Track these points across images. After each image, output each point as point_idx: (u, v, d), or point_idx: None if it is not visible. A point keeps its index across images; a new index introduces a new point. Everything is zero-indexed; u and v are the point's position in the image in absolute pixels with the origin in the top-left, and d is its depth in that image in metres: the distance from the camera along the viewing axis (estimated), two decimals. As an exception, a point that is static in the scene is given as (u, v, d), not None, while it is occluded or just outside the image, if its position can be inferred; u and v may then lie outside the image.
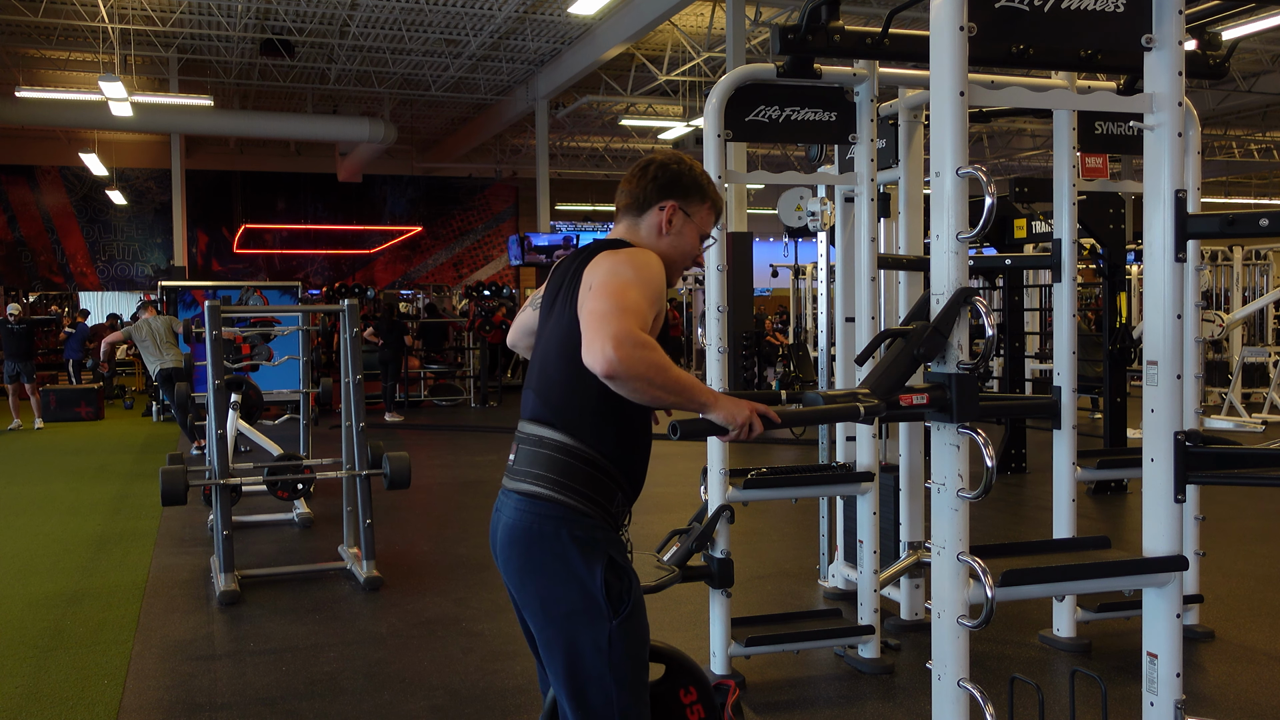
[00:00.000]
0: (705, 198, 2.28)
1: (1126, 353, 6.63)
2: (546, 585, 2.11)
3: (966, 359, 2.36)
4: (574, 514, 2.10)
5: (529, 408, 2.20)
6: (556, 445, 2.12)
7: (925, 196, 4.01)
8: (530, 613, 2.16)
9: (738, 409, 2.03)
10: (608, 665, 2.08)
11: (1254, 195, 30.82)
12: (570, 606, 2.09)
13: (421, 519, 6.75)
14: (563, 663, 2.10)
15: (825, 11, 3.30)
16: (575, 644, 2.09)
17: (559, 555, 2.09)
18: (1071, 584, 2.64)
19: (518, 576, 2.15)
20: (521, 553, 2.12)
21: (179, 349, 9.67)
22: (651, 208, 2.25)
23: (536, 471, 2.13)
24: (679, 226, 2.25)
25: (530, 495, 2.12)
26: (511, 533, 2.14)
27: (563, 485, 2.10)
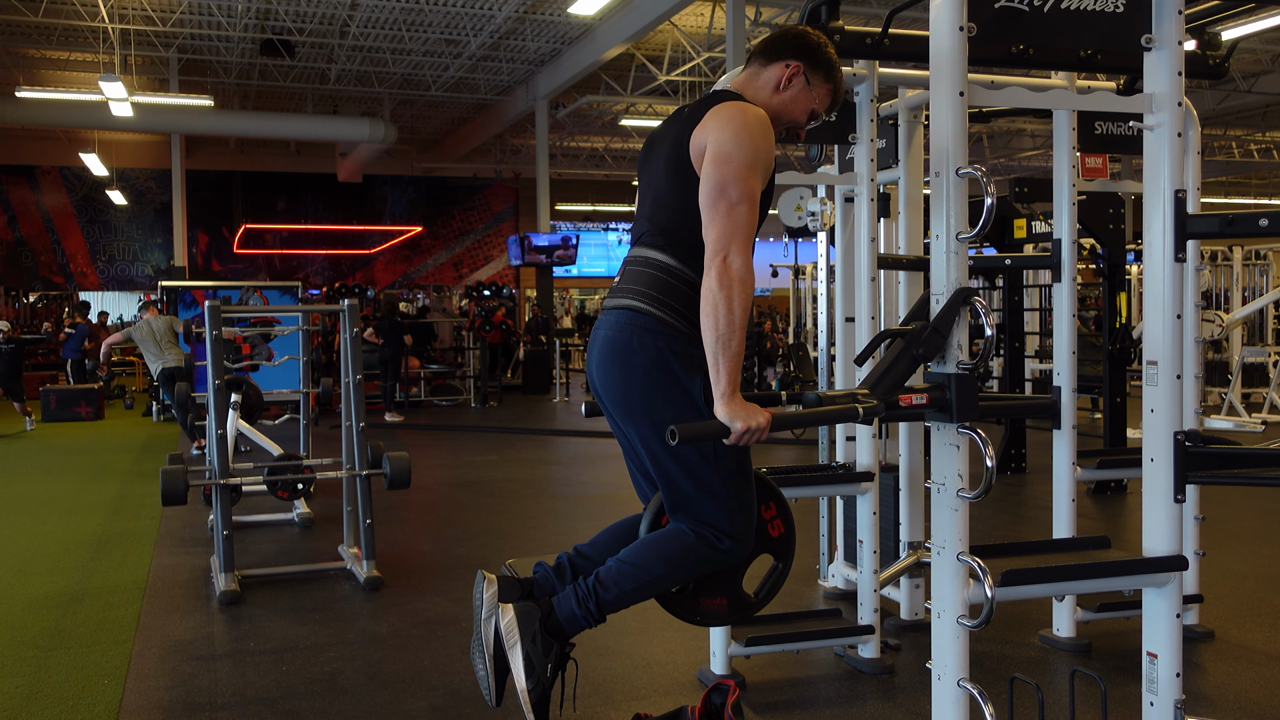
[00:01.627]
0: (830, 79, 2.34)
1: (1126, 353, 6.63)
2: (650, 394, 2.15)
3: (966, 359, 2.36)
4: (671, 330, 2.15)
5: (640, 235, 2.28)
6: (661, 266, 2.19)
7: (925, 196, 4.01)
8: (633, 422, 2.19)
9: (751, 414, 2.03)
10: (715, 470, 2.15)
11: (1254, 195, 30.83)
12: (675, 414, 2.14)
13: (421, 519, 6.75)
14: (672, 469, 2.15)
15: (825, 11, 3.30)
16: (680, 451, 2.13)
17: (661, 365, 2.14)
18: (1071, 584, 2.64)
19: (620, 388, 2.18)
20: (623, 364, 2.17)
21: (179, 349, 9.68)
22: (778, 61, 2.31)
23: (639, 289, 2.19)
24: (796, 89, 2.31)
25: (632, 309, 2.18)
26: (611, 345, 2.19)
27: (663, 303, 2.17)
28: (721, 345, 2.02)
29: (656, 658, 3.90)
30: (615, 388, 2.18)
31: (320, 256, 25.92)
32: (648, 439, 2.16)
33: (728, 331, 2.01)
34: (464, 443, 10.59)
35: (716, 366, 2.03)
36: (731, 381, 2.03)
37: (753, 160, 2.14)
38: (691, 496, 2.14)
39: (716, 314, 2.02)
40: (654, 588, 2.24)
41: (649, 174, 2.34)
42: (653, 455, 2.17)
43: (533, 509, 7.04)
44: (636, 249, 2.28)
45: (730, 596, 2.39)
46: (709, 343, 2.04)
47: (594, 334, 2.28)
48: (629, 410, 2.18)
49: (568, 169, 25.70)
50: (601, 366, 2.21)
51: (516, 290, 23.98)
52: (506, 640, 2.24)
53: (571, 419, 12.70)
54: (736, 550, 2.22)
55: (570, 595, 2.24)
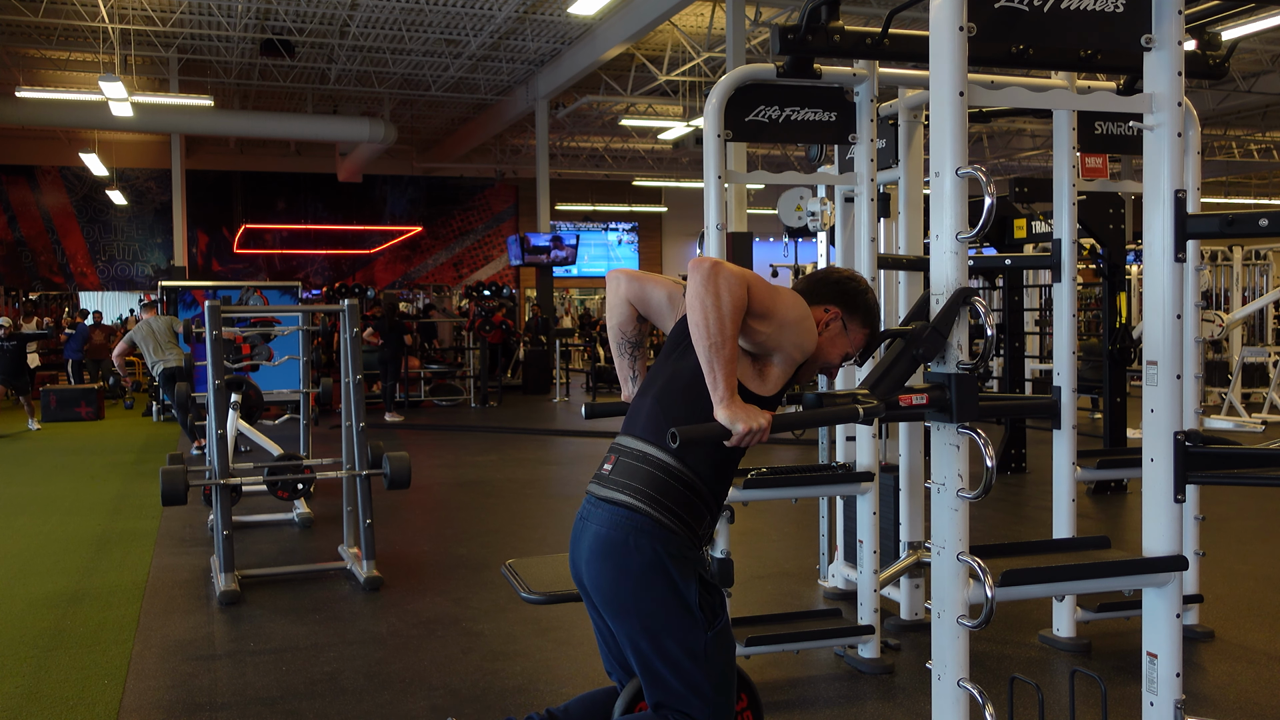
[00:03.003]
0: (867, 324, 2.35)
1: (1126, 353, 6.63)
2: (643, 597, 2.14)
3: (966, 359, 2.36)
4: (667, 532, 2.14)
5: (641, 425, 2.23)
6: (659, 464, 2.16)
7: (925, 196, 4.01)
8: (623, 622, 2.18)
9: (752, 415, 2.03)
10: (704, 672, 2.14)
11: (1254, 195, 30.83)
12: (667, 617, 2.13)
13: (421, 519, 6.75)
14: (661, 670, 2.14)
15: (825, 11, 3.30)
16: (670, 651, 2.13)
17: (656, 568, 2.12)
18: (1071, 584, 2.64)
19: (611, 587, 2.16)
20: (616, 564, 2.15)
21: (179, 349, 9.67)
22: (818, 305, 2.31)
23: (636, 486, 2.16)
24: (834, 334, 2.31)
25: (627, 507, 2.15)
26: (605, 544, 2.16)
27: (660, 504, 2.14)
28: (715, 351, 2.00)
29: (656, 658, 3.90)
30: (607, 587, 2.16)
31: (320, 256, 25.92)
32: (636, 640, 2.15)
33: (719, 337, 2.00)
34: (464, 443, 10.59)
35: (712, 372, 2.02)
36: (729, 385, 2.02)
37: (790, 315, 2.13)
38: (679, 696, 2.14)
39: (707, 320, 1.99)
40: None
41: (677, 354, 2.25)
42: (640, 655, 2.15)
43: (533, 509, 7.04)
44: (631, 439, 2.22)
45: None
46: (702, 350, 2.02)
47: (582, 524, 2.23)
48: (619, 610, 2.16)
49: (568, 169, 25.69)
50: (592, 564, 2.18)
51: (516, 290, 23.98)
52: None
53: (571, 419, 12.70)
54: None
55: None
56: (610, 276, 2.47)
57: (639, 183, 27.57)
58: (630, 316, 2.43)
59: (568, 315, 25.62)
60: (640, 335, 2.47)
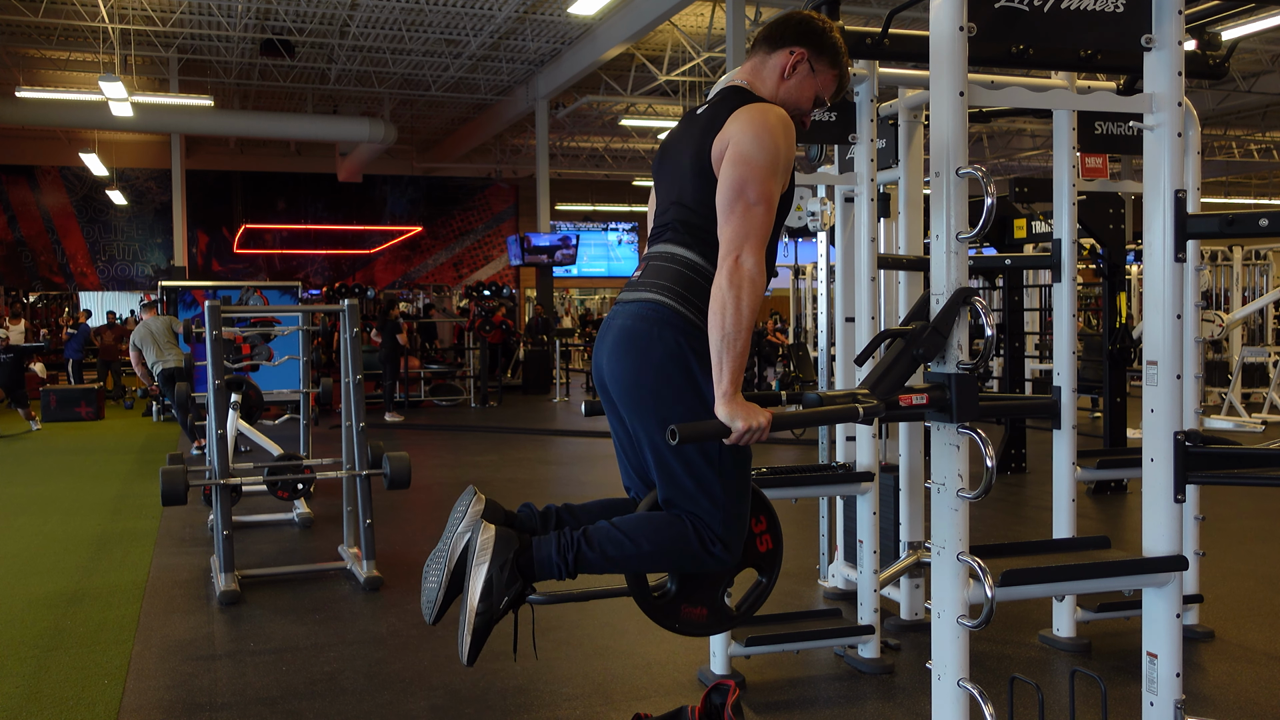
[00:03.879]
0: (835, 64, 2.31)
1: (1126, 353, 6.63)
2: (663, 387, 2.13)
3: (966, 359, 2.36)
4: (692, 327, 2.14)
5: (662, 233, 2.26)
6: (686, 262, 2.17)
7: (925, 196, 4.01)
8: (640, 416, 2.17)
9: (752, 413, 2.03)
10: (718, 472, 2.14)
11: (1254, 195, 30.83)
12: (685, 412, 2.12)
13: (421, 519, 6.75)
14: (674, 466, 2.14)
15: (825, 12, 3.30)
16: (685, 448, 2.11)
17: (678, 359, 2.12)
18: (1071, 584, 2.64)
19: (632, 378, 2.16)
20: (639, 354, 2.14)
21: (179, 349, 9.67)
22: (782, 48, 2.29)
23: (662, 283, 2.17)
24: (801, 76, 2.28)
25: (653, 302, 2.15)
26: (628, 335, 2.16)
27: (685, 299, 2.15)
28: (727, 345, 2.02)
29: (656, 658, 3.91)
30: (627, 377, 2.15)
31: (320, 256, 25.92)
32: (653, 433, 2.14)
33: (734, 331, 2.01)
34: (464, 443, 10.59)
35: (720, 365, 2.03)
36: (734, 381, 2.03)
37: (773, 162, 2.13)
38: (691, 495, 2.13)
39: (724, 313, 2.01)
40: (634, 564, 2.20)
41: (669, 178, 2.30)
42: (655, 450, 2.16)
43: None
44: (660, 245, 2.25)
45: (711, 607, 2.36)
46: (714, 341, 2.03)
47: (607, 324, 2.24)
48: (637, 401, 2.15)
49: (568, 169, 25.69)
50: (614, 354, 2.18)
51: (516, 290, 23.98)
52: (475, 557, 2.17)
53: (571, 419, 12.70)
54: (725, 558, 2.19)
55: (552, 540, 2.20)
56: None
57: (639, 183, 27.58)
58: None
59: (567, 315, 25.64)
60: None
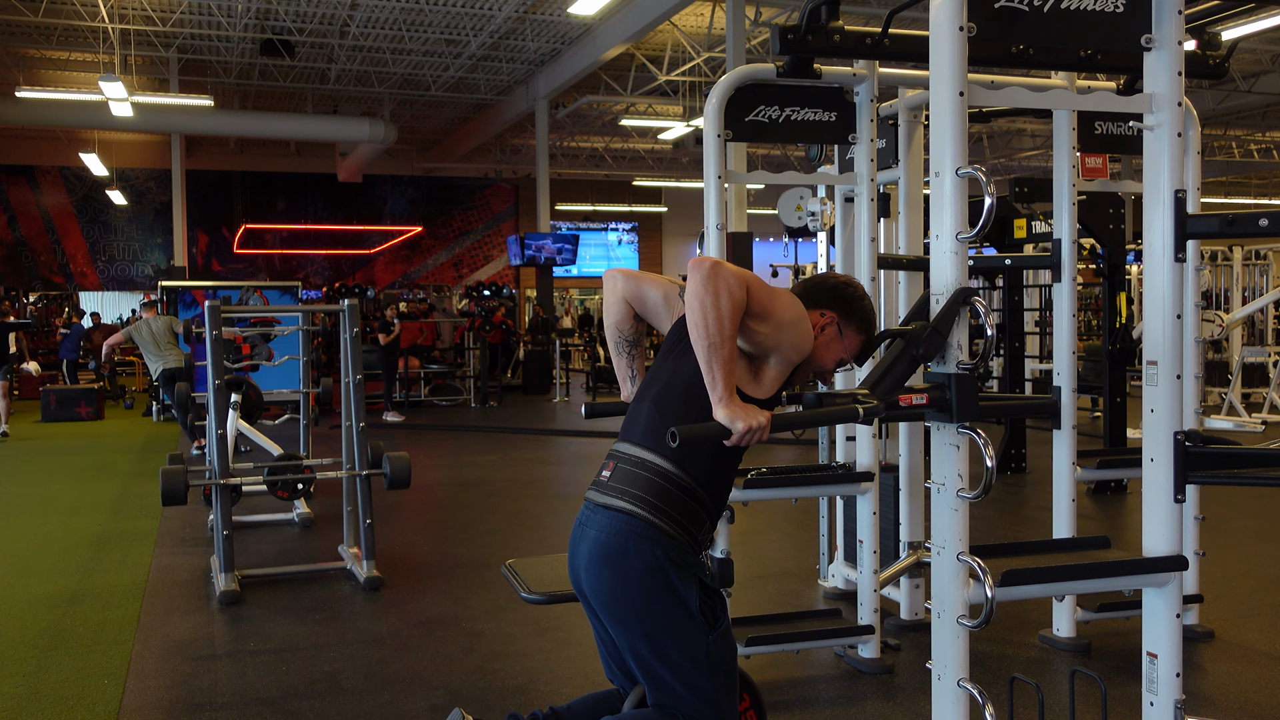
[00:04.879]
0: (863, 331, 2.36)
1: (1126, 353, 6.63)
2: (643, 603, 2.14)
3: (966, 359, 2.36)
4: (666, 537, 2.14)
5: (639, 432, 2.22)
6: (658, 470, 2.16)
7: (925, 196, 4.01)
8: (623, 629, 2.18)
9: (751, 414, 2.03)
10: (706, 676, 2.14)
11: (1254, 195, 30.82)
12: (668, 623, 2.13)
13: (421, 519, 6.75)
14: (663, 674, 2.14)
15: (825, 11, 3.30)
16: (671, 656, 2.13)
17: (655, 573, 2.12)
18: (1071, 584, 2.64)
19: (611, 593, 2.16)
20: (616, 570, 2.15)
21: (179, 349, 9.67)
22: (814, 309, 2.31)
23: (635, 492, 2.16)
24: (829, 338, 2.31)
25: (626, 513, 2.15)
26: (605, 550, 2.16)
27: (659, 510, 2.14)
28: (714, 350, 2.01)
29: (656, 658, 3.90)
30: (606, 593, 2.16)
31: (320, 256, 25.91)
32: (636, 645, 2.15)
33: (719, 338, 2.00)
34: (464, 443, 10.59)
35: (711, 371, 2.02)
36: (727, 385, 2.02)
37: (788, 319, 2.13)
38: (681, 699, 2.14)
39: (706, 319, 2.00)
40: None
41: (674, 356, 2.26)
42: (641, 661, 2.16)
43: (533, 509, 7.04)
44: (630, 446, 2.22)
45: None
46: (701, 349, 2.02)
47: (580, 531, 2.23)
48: (619, 617, 2.16)
49: (568, 169, 25.68)
50: (591, 570, 2.17)
51: (516, 290, 23.97)
52: None
53: (571, 419, 12.70)
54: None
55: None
56: (607, 276, 2.47)
57: (639, 183, 27.57)
58: (627, 315, 2.43)
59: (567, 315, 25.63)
60: (638, 334, 2.48)
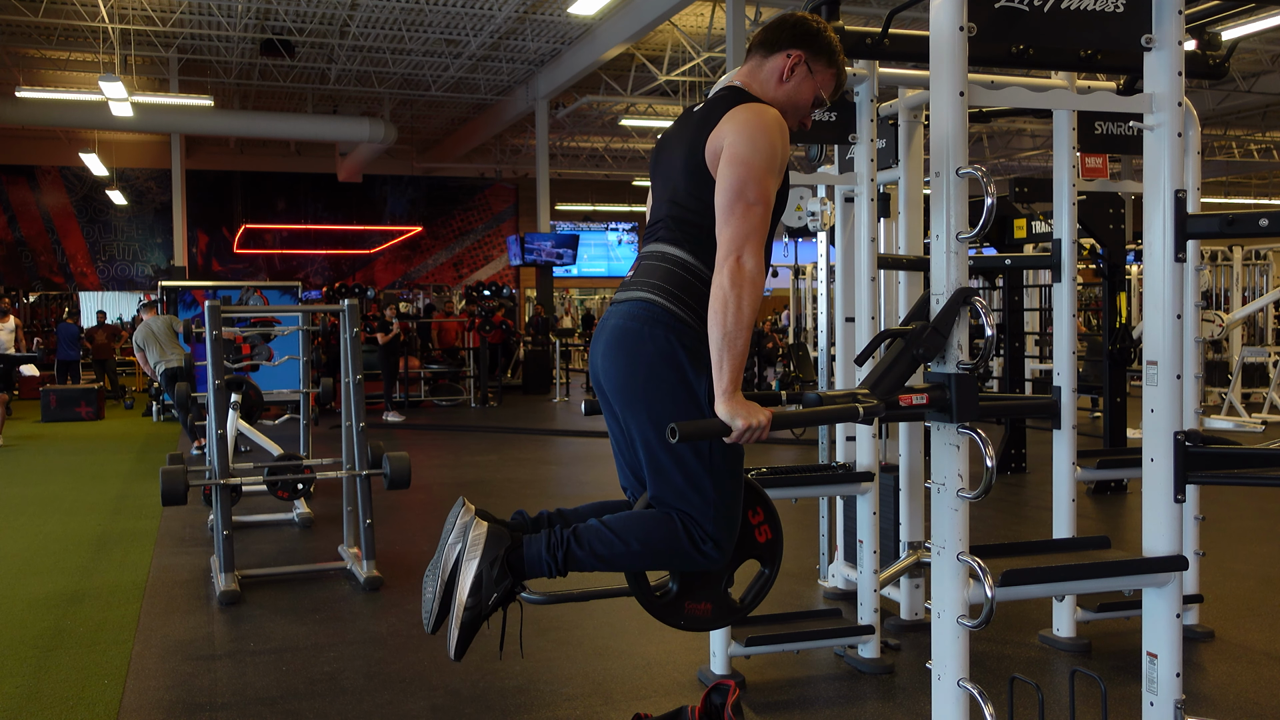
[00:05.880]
0: (832, 63, 2.33)
1: (1126, 353, 6.63)
2: (655, 385, 2.15)
3: (966, 359, 2.36)
4: (684, 325, 2.16)
5: (656, 232, 2.28)
6: (678, 261, 2.19)
7: (925, 196, 4.01)
8: (633, 412, 2.19)
9: (752, 412, 2.04)
10: (708, 468, 2.15)
11: (1254, 195, 30.83)
12: (676, 409, 2.14)
13: (421, 519, 6.75)
14: (665, 462, 2.16)
15: (825, 12, 3.30)
16: (676, 445, 2.12)
17: (669, 358, 2.14)
18: (1071, 584, 2.64)
19: (624, 377, 2.18)
20: (630, 353, 2.16)
21: (180, 348, 9.68)
22: (779, 52, 2.31)
23: (654, 282, 2.20)
24: (799, 78, 2.30)
25: (645, 300, 2.18)
26: (620, 334, 2.19)
27: (678, 298, 2.17)
28: (728, 344, 2.03)
29: (656, 658, 3.90)
30: (620, 376, 2.18)
31: (320, 256, 25.91)
32: (645, 430, 2.16)
33: (735, 330, 2.02)
34: (464, 443, 10.59)
35: (720, 364, 2.04)
36: (734, 380, 2.04)
37: (769, 161, 2.15)
38: (681, 491, 2.14)
39: (725, 312, 2.03)
40: (624, 562, 2.22)
41: (663, 175, 2.33)
42: (648, 446, 2.17)
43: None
44: (652, 244, 2.27)
45: (715, 602, 2.38)
46: (715, 340, 2.05)
47: (602, 324, 2.27)
48: (630, 400, 2.17)
49: (568, 169, 25.69)
50: (608, 354, 2.20)
51: (516, 290, 23.98)
52: (466, 554, 2.20)
53: (571, 419, 12.70)
54: (716, 556, 2.20)
55: (542, 539, 2.24)
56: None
57: (639, 183, 27.58)
58: None
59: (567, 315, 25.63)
60: None
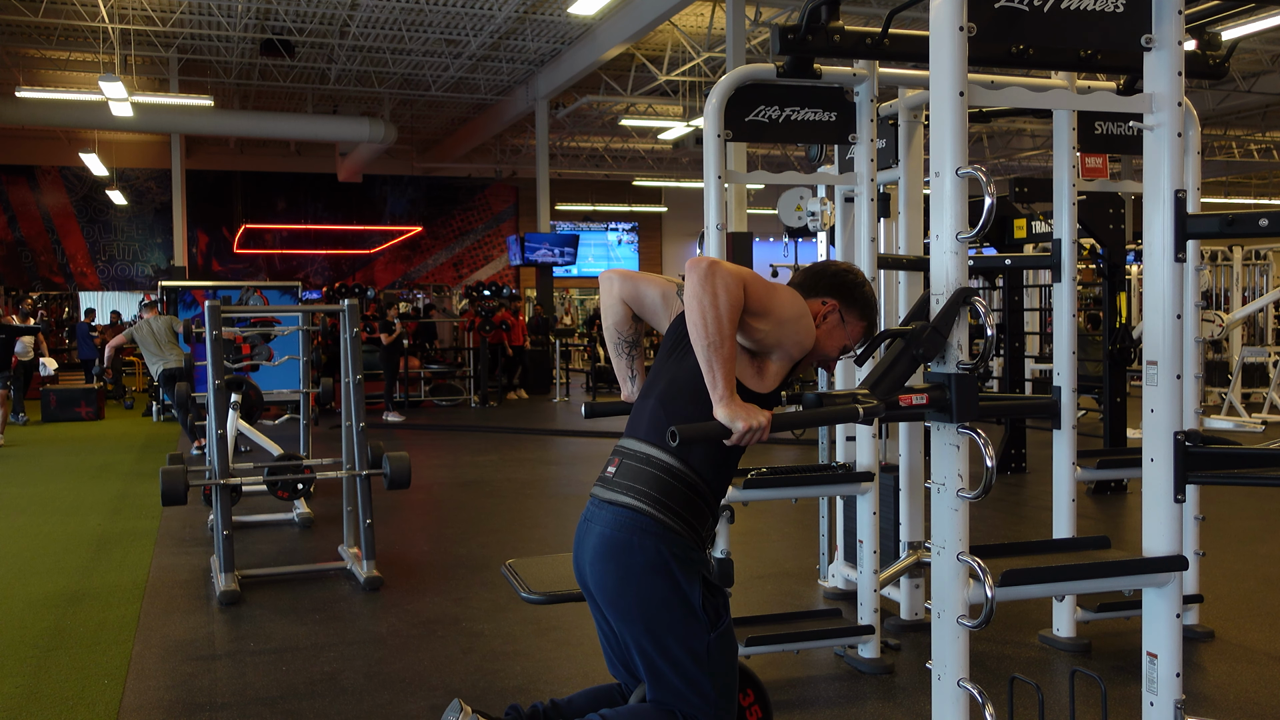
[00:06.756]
0: (865, 318, 2.37)
1: (1126, 353, 6.63)
2: (647, 597, 2.15)
3: (966, 359, 2.36)
4: (671, 532, 2.15)
5: (644, 428, 2.23)
6: (663, 466, 2.17)
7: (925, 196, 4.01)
8: (627, 623, 2.19)
9: (751, 414, 2.03)
10: (707, 673, 2.15)
11: (1254, 195, 30.82)
12: (671, 618, 2.14)
13: (421, 519, 6.75)
14: (664, 668, 2.15)
15: (825, 11, 3.30)
16: (672, 651, 2.14)
17: (660, 568, 2.13)
18: (1071, 584, 2.64)
19: (615, 587, 2.17)
20: (621, 565, 2.15)
21: (180, 349, 9.67)
22: (816, 297, 2.33)
23: (640, 488, 2.17)
24: (831, 325, 2.33)
25: (631, 509, 2.16)
26: (609, 544, 2.17)
27: (664, 505, 2.15)
28: (714, 352, 2.01)
29: (656, 658, 3.90)
30: (611, 588, 2.17)
31: (320, 256, 25.90)
32: (640, 640, 2.16)
33: (718, 338, 2.01)
34: (464, 443, 10.59)
35: (711, 371, 2.02)
36: (728, 384, 2.03)
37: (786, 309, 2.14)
38: (681, 695, 2.15)
39: (705, 319, 2.00)
40: None
41: (676, 355, 2.26)
42: (644, 655, 2.17)
43: (533, 509, 7.04)
44: (635, 441, 2.23)
45: None
46: (700, 349, 2.02)
47: (585, 526, 2.24)
48: (623, 611, 2.17)
49: (568, 169, 25.68)
50: (596, 564, 2.18)
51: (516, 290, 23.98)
52: None
53: (571, 419, 12.70)
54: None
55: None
56: (603, 277, 2.48)
57: (639, 183, 27.57)
58: (626, 316, 2.44)
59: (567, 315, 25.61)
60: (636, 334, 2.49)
